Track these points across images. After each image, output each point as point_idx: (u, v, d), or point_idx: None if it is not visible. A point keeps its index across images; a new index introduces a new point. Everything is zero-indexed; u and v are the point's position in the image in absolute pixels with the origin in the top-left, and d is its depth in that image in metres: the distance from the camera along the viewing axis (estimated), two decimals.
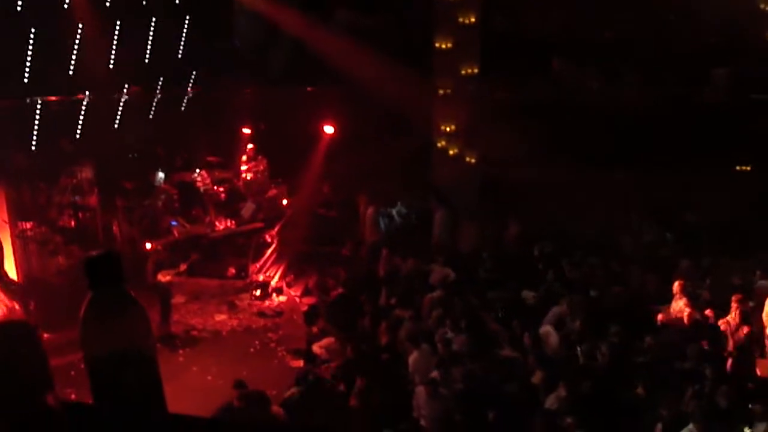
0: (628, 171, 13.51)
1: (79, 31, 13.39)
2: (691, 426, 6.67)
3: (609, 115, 13.69)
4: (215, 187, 14.49)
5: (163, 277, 11.34)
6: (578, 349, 8.45)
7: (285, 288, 12.92)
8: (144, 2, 14.91)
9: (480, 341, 8.87)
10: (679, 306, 9.26)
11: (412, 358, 8.71)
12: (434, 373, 8.08)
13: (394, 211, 14.41)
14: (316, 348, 9.67)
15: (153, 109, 15.53)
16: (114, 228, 13.30)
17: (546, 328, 9.13)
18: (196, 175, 14.51)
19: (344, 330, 10.01)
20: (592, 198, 12.53)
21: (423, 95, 14.06)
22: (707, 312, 9.15)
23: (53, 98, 13.67)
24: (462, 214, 13.73)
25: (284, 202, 14.92)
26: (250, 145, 15.17)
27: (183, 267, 11.96)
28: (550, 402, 7.52)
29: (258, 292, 12.56)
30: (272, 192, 14.86)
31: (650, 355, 8.38)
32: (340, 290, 11.06)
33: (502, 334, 9.22)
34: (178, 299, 12.02)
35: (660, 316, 9.28)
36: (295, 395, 8.24)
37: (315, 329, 10.50)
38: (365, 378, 8.23)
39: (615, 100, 14.15)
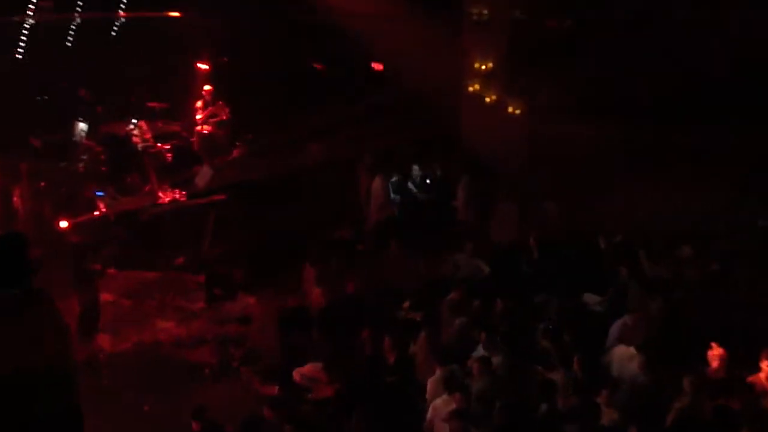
0: (733, 129, 13.33)
1: None
2: None
3: (706, 48, 13.60)
4: (158, 145, 14.49)
5: (86, 269, 11.30)
6: (657, 379, 8.42)
7: (254, 285, 12.89)
8: None
9: (524, 363, 8.97)
10: None
11: (431, 383, 8.74)
12: (460, 405, 8.04)
13: (408, 181, 14.53)
14: (296, 375, 9.65)
15: (72, 35, 15.43)
16: (14, 201, 13.22)
17: (618, 348, 9.15)
18: (131, 127, 14.47)
19: (338, 345, 10.10)
20: (679, 168, 12.62)
21: (450, 21, 14.33)
22: None
23: None
24: (500, 186, 13.92)
25: (254, 165, 14.93)
26: (207, 87, 15.15)
27: (112, 254, 11.91)
28: None
29: (217, 290, 12.53)
30: (238, 152, 14.76)
31: None
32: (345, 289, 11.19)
33: (554, 353, 9.21)
34: (105, 299, 11.97)
35: None
36: None
37: (295, 343, 10.66)
38: (365, 410, 8.23)
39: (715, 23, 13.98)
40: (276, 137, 14.95)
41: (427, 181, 14.62)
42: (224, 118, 14.95)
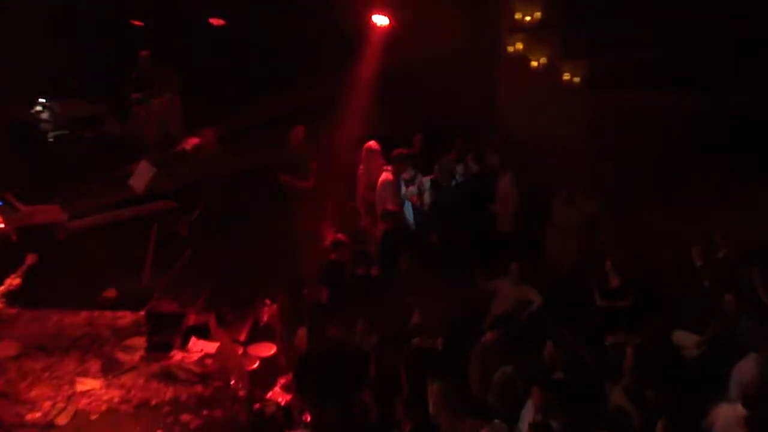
0: None
1: None
2: None
3: None
4: (78, 133, 14.50)
5: None
6: None
7: (214, 325, 12.80)
8: None
9: (593, 429, 9.09)
10: None
11: None
12: None
13: (425, 180, 14.65)
14: None
15: None
16: None
17: (723, 407, 9.19)
18: (40, 109, 14.50)
19: (329, 410, 10.20)
20: None
21: None
22: None
23: None
24: (552, 185, 14.12)
25: (219, 158, 15.12)
26: (143, 52, 15.27)
27: (14, 283, 11.81)
28: None
29: (162, 335, 12.31)
30: (192, 141, 14.72)
31: None
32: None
33: (634, 415, 9.35)
34: (4, 351, 11.88)
35: None
36: None
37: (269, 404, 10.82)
38: None
39: None
40: (239, 118, 15.26)
41: (456, 177, 14.70)
42: (166, 97, 14.89)
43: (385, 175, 14.22)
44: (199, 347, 12.35)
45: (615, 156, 14.33)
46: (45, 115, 14.53)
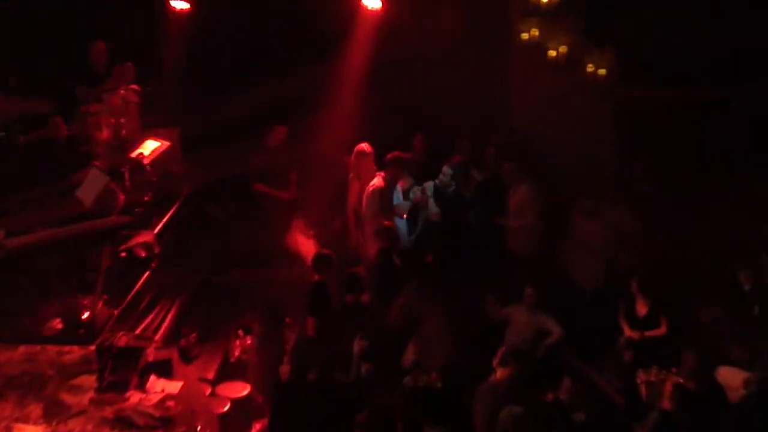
0: None
1: None
2: None
3: None
4: (16, 138, 14.48)
5: None
6: None
7: (177, 361, 12.85)
8: None
9: None
10: None
11: None
12: None
13: (426, 186, 14.74)
14: None
15: None
16: None
17: None
18: None
19: None
20: None
21: None
22: None
23: None
24: (572, 194, 14.23)
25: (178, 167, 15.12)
26: (99, 46, 15.39)
27: None
28: None
29: (117, 372, 12.33)
30: (150, 145, 14.64)
31: None
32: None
33: None
34: None
35: None
36: None
37: None
38: None
39: None
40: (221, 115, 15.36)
41: (454, 186, 14.79)
42: (122, 92, 14.90)
43: (376, 182, 14.15)
44: (160, 387, 12.33)
45: (645, 158, 14.33)
46: None
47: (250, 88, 15.82)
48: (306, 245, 14.62)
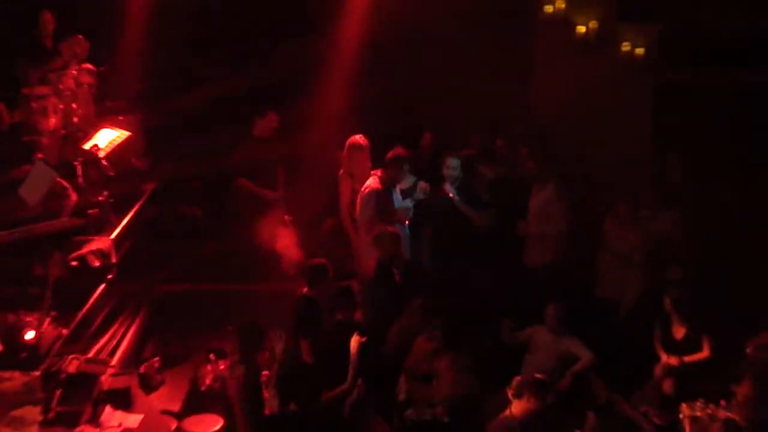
0: None
1: None
2: None
3: None
4: None
5: None
6: None
7: (137, 390, 12.80)
8: None
9: None
10: None
11: None
12: None
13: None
14: None
15: None
16: None
17: None
18: None
19: None
20: None
21: None
22: None
23: None
24: (605, 196, 14.12)
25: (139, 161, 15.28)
26: (47, 17, 15.41)
27: None
28: None
29: (66, 402, 12.21)
30: (105, 133, 14.65)
31: None
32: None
33: None
34: None
35: None
36: None
37: None
38: None
39: None
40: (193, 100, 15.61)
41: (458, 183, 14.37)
42: (75, 72, 14.98)
43: (371, 182, 14.07)
44: (117, 421, 12.29)
45: (682, 148, 14.40)
46: None
47: (227, 70, 15.83)
48: (284, 238, 14.57)
